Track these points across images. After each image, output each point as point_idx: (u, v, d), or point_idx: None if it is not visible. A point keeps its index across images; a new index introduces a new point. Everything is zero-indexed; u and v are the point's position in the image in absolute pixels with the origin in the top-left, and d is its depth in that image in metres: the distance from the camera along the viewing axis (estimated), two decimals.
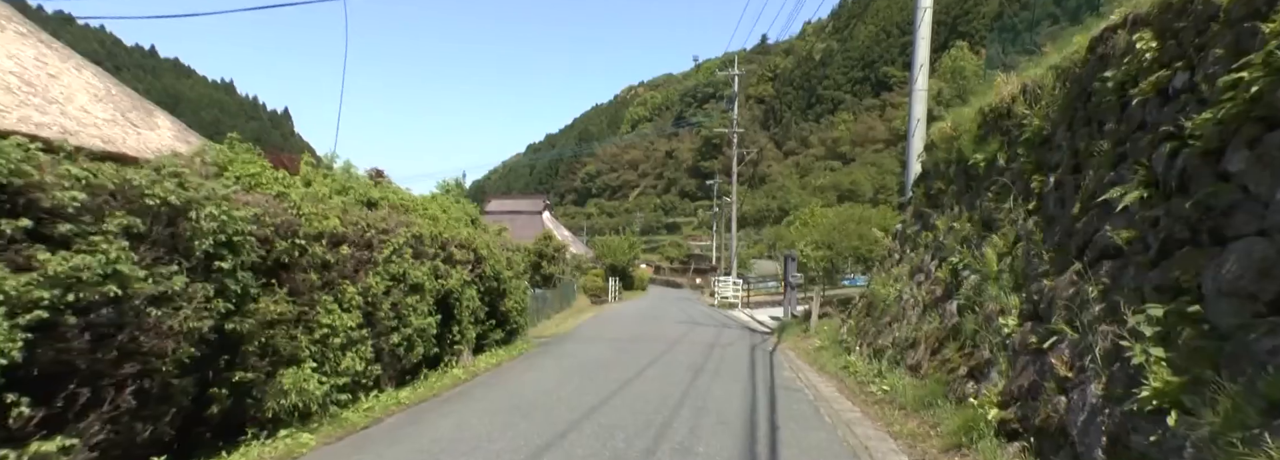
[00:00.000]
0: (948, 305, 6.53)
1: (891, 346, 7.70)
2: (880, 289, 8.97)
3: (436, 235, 6.88)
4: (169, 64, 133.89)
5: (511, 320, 9.94)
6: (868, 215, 27.11)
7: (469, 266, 7.83)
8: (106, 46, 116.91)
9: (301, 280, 4.36)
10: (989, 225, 6.35)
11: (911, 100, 10.92)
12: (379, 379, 5.62)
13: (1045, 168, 5.36)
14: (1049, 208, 5.01)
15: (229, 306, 3.56)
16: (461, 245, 7.59)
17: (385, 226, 5.70)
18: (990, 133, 7.08)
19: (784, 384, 7.59)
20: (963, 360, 5.57)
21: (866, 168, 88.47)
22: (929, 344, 6.59)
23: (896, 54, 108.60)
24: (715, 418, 5.35)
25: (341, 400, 4.81)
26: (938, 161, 8.78)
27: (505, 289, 9.46)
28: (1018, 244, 5.34)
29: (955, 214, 7.58)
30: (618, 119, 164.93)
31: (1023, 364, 4.38)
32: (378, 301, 5.39)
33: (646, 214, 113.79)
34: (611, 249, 40.38)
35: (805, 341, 11.66)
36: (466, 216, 9.51)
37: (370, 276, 5.26)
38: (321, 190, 5.96)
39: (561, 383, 7.05)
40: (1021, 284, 5.05)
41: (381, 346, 5.53)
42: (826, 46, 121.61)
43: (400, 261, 5.78)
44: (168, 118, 6.64)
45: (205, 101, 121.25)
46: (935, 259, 7.69)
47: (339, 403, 4.78)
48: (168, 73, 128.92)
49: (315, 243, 4.51)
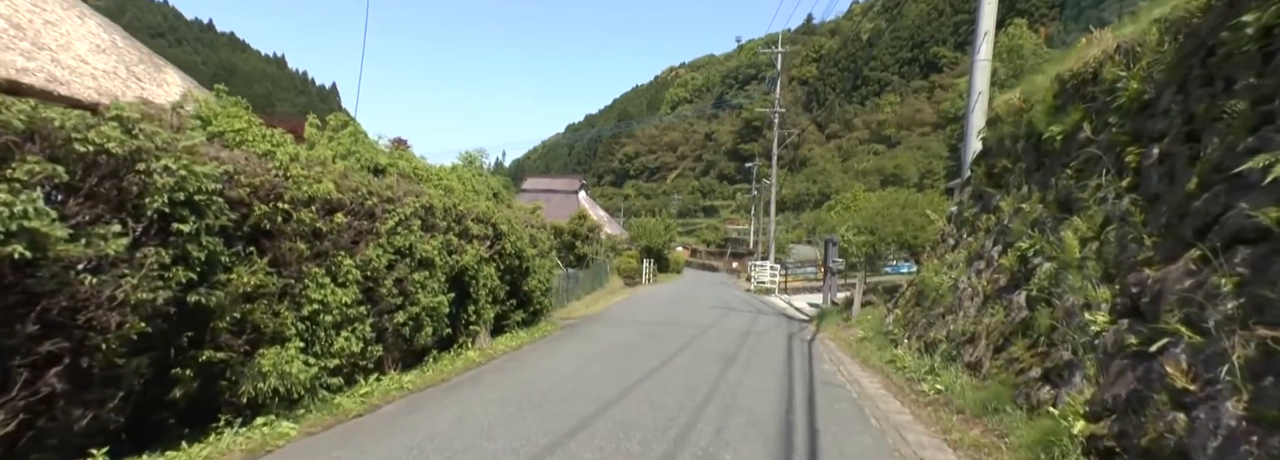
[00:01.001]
0: (1014, 296, 5.77)
1: (945, 340, 6.96)
2: (932, 277, 8.19)
3: (451, 207, 6.41)
4: (225, 38, 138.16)
5: (535, 301, 9.51)
6: (914, 200, 25.87)
7: (487, 242, 7.37)
8: (168, 19, 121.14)
9: (287, 250, 3.92)
10: (1067, 206, 5.54)
11: (973, 71, 9.93)
12: (381, 361, 5.23)
13: (1145, 138, 4.53)
14: (1151, 184, 4.21)
15: (191, 276, 3.14)
16: (479, 219, 7.12)
17: (390, 195, 5.24)
18: (1069, 102, 6.21)
19: (823, 378, 6.95)
20: (1035, 360, 4.84)
21: (912, 152, 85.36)
22: (991, 340, 5.85)
23: (948, 34, 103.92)
24: (745, 417, 4.78)
25: (333, 385, 4.40)
26: (1002, 137, 7.88)
27: (528, 267, 9.01)
28: (1108, 227, 4.55)
29: (1023, 194, 6.75)
30: (657, 100, 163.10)
31: (1119, 369, 3.65)
32: (380, 276, 4.96)
33: (684, 196, 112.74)
34: (647, 231, 39.85)
35: (846, 331, 10.95)
36: (488, 189, 9.06)
37: (370, 248, 4.82)
38: (324, 154, 5.53)
39: (581, 370, 6.57)
40: (1113, 274, 4.29)
41: (384, 326, 5.11)
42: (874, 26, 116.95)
43: (406, 234, 5.33)
44: (180, 75, 6.30)
45: (258, 75, 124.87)
46: (999, 244, 6.88)
47: (330, 387, 4.38)
48: (224, 47, 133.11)
49: (304, 208, 4.06)
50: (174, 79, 5.98)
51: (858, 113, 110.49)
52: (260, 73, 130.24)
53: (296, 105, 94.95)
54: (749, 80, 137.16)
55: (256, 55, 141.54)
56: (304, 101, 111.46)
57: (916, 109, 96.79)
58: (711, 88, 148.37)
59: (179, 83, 5.98)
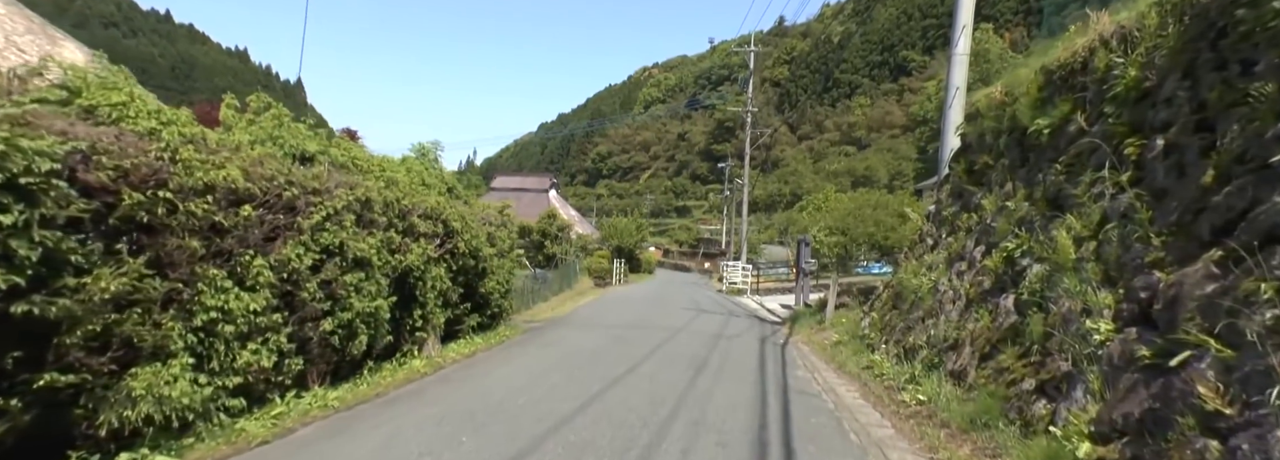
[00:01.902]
0: (1001, 300, 5.40)
1: (926, 346, 6.59)
2: (911, 279, 7.84)
3: (393, 202, 5.80)
4: (184, 30, 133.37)
5: (493, 304, 8.91)
6: (885, 201, 25.83)
7: (437, 241, 6.76)
8: (123, 9, 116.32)
9: (174, 248, 3.29)
10: (1058, 204, 5.20)
11: (950, 66, 9.64)
12: (304, 375, 4.60)
13: (1147, 128, 4.18)
14: (1157, 178, 3.84)
15: (16, 281, 2.50)
16: (428, 215, 6.51)
17: (317, 186, 4.62)
18: (1057, 93, 5.89)
19: (798, 387, 6.52)
20: (1028, 370, 4.45)
21: (882, 153, 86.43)
22: (977, 346, 5.47)
23: (917, 38, 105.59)
24: (715, 437, 4.29)
25: (234, 407, 3.76)
26: (983, 132, 7.57)
27: (485, 268, 8.41)
28: (1107, 226, 4.18)
29: (1008, 192, 6.41)
30: (631, 100, 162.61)
31: (1129, 384, 3.25)
32: (301, 279, 4.34)
33: (657, 196, 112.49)
34: (618, 230, 39.30)
35: (820, 334, 10.58)
36: (442, 184, 8.43)
37: (289, 247, 4.20)
38: (240, 138, 4.88)
39: (537, 380, 6.02)
40: (1115, 277, 3.91)
41: (307, 335, 4.49)
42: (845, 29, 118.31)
43: (336, 230, 4.71)
44: (80, 49, 5.55)
45: (219, 68, 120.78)
46: (981, 245, 6.53)
47: (230, 410, 3.74)
48: (182, 39, 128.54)
49: (197, 199, 3.43)
50: (74, 55, 5.26)
51: (829, 114, 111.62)
52: (221, 66, 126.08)
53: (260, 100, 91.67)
54: (722, 81, 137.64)
55: (217, 48, 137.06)
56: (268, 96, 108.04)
57: (886, 111, 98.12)
58: (684, 88, 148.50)
59: (80, 59, 5.26)
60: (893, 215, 23.72)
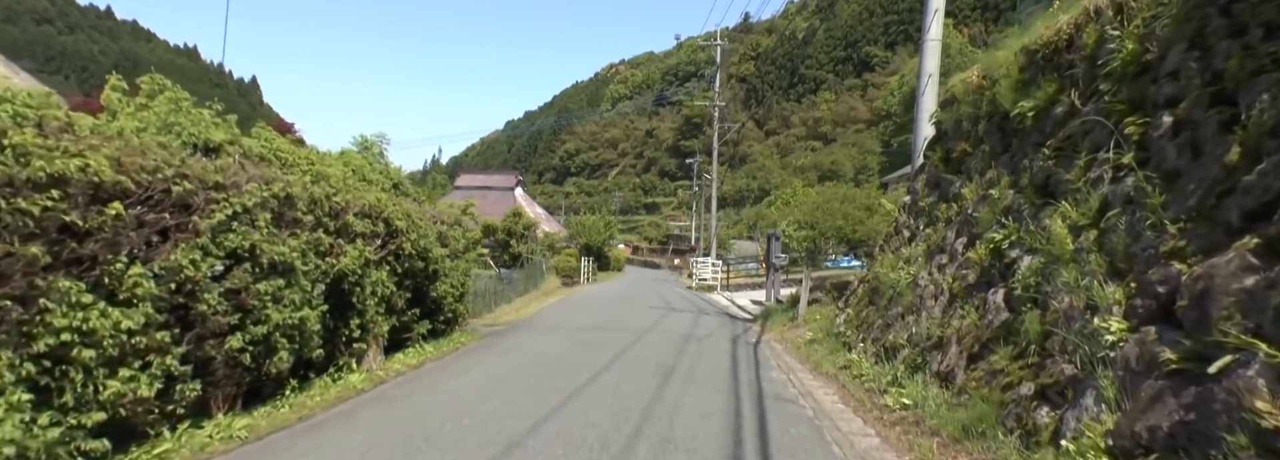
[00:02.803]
0: (991, 296, 5.02)
1: (907, 345, 6.20)
2: (887, 273, 7.46)
3: (323, 198, 5.14)
4: (127, 26, 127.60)
5: (446, 309, 8.26)
6: (852, 194, 25.79)
7: (377, 241, 6.11)
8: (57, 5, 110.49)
9: (0, 256, 2.62)
10: (1048, 190, 4.83)
11: (923, 51, 9.33)
12: (205, 401, 3.94)
13: (1150, 105, 3.80)
14: (1167, 158, 3.45)
15: None
16: (366, 214, 5.85)
17: (219, 180, 3.94)
18: (1040, 74, 5.54)
19: (774, 392, 6.07)
20: (1025, 373, 4.05)
21: (848, 148, 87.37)
22: (965, 345, 5.08)
23: (879, 34, 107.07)
24: (685, 457, 3.78)
25: (95, 451, 3.05)
26: (960, 119, 7.22)
27: (437, 270, 7.76)
28: (1109, 213, 3.79)
29: (990, 180, 6.06)
30: (598, 97, 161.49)
31: (1154, 392, 2.84)
32: (198, 289, 3.68)
33: (626, 194, 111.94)
34: (586, 228, 38.66)
35: (793, 332, 10.19)
36: (386, 180, 7.75)
37: (181, 252, 3.53)
38: (126, 125, 4.18)
39: (489, 393, 5.43)
40: (1123, 269, 3.52)
41: (207, 354, 3.82)
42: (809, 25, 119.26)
43: (246, 231, 4.05)
44: None
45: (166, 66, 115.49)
46: (963, 236, 6.17)
47: (90, 454, 3.04)
48: (126, 35, 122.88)
49: (37, 194, 2.76)
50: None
51: (795, 110, 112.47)
52: (169, 64, 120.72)
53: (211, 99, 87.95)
54: (689, 77, 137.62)
55: (164, 45, 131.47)
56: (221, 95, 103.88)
57: (851, 106, 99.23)
58: (652, 84, 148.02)
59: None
60: (860, 208, 23.67)
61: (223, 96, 26.30)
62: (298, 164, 5.69)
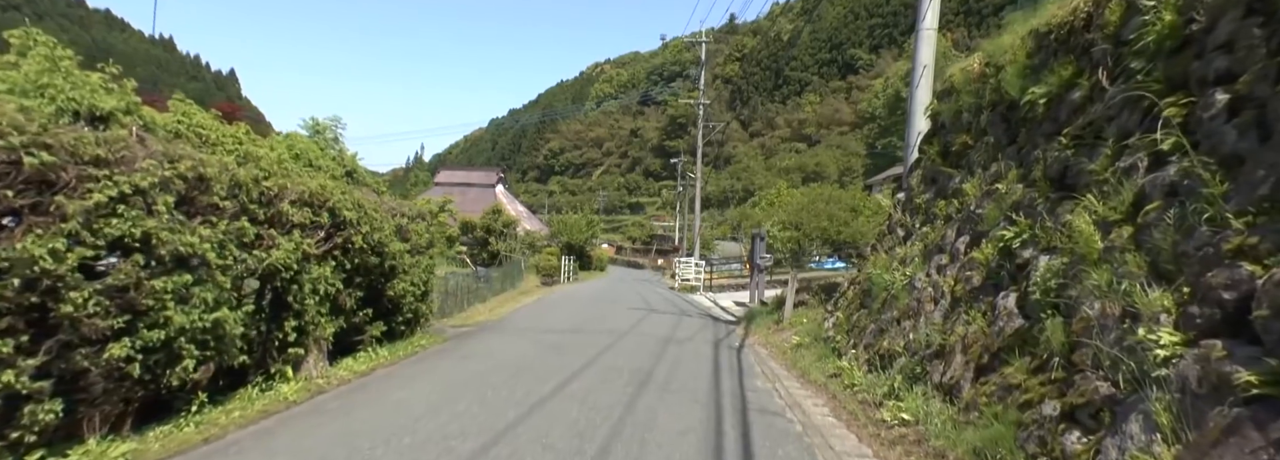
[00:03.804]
0: (1000, 300, 4.52)
1: (905, 353, 5.69)
2: (881, 274, 6.97)
3: (249, 182, 4.49)
4: (99, 15, 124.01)
5: (405, 308, 7.60)
6: (837, 195, 25.43)
7: (320, 233, 5.46)
8: None
9: None
10: (1065, 183, 4.35)
11: (917, 42, 8.86)
12: (78, 423, 3.28)
13: (1196, 83, 3.31)
14: (1226, 142, 2.95)
15: None
16: (305, 202, 5.20)
17: (101, 154, 3.28)
18: (1053, 58, 5.08)
19: (759, 403, 5.53)
20: (1048, 390, 3.54)
21: (832, 150, 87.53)
22: (972, 356, 4.57)
23: (864, 36, 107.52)
24: None
25: None
26: (960, 110, 6.76)
27: (394, 266, 7.11)
28: (1149, 206, 3.29)
29: (994, 173, 5.58)
30: (583, 95, 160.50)
31: (1229, 422, 2.32)
32: (63, 286, 3.03)
33: (610, 193, 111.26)
34: (568, 227, 37.96)
35: (779, 335, 9.68)
36: (338, 166, 7.08)
37: (33, 240, 2.87)
38: None
39: (438, 407, 4.81)
40: (1171, 270, 3.01)
41: (78, 366, 3.16)
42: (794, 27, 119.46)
43: (137, 216, 3.39)
44: None
45: (141, 57, 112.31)
46: (965, 234, 5.68)
47: None
48: (98, 24, 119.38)
49: None
50: None
51: (779, 111, 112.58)
52: (144, 55, 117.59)
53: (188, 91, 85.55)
54: (674, 77, 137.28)
55: (138, 35, 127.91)
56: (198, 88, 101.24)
57: (835, 109, 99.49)
58: (637, 84, 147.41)
59: None
60: (846, 210, 23.33)
61: (200, 89, 25.01)
62: (221, 143, 5.01)
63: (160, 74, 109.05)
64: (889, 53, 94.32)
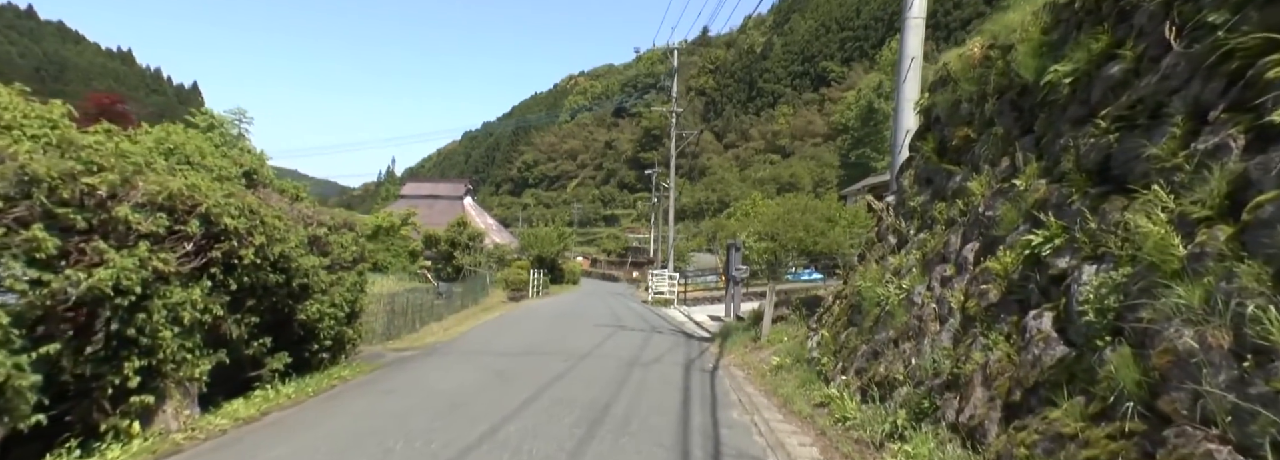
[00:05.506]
0: (1032, 321, 3.62)
1: (907, 381, 4.76)
2: (872, 287, 6.07)
3: (54, 177, 3.38)
4: (52, 27, 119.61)
5: (322, 335, 6.46)
6: (813, 205, 24.82)
7: (187, 245, 4.36)
8: None
9: None
10: (1109, 175, 3.50)
11: (904, 32, 8.11)
12: None
13: None
14: None
15: None
16: (159, 206, 4.11)
17: None
18: (1076, 31, 4.28)
19: (736, 445, 4.55)
20: (1121, 448, 2.61)
21: (806, 161, 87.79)
22: (998, 390, 3.65)
23: (835, 49, 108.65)
24: None
25: None
26: (958, 100, 5.95)
27: (306, 285, 5.99)
28: (1262, 197, 2.41)
29: (1008, 168, 4.74)
30: (557, 108, 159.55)
31: None
32: None
33: (585, 205, 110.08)
34: (539, 239, 36.77)
35: (756, 355, 8.72)
36: (235, 167, 5.97)
37: None
38: None
39: None
40: None
41: None
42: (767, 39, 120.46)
43: None
44: None
45: (97, 71, 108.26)
46: (973, 241, 4.81)
47: None
48: (50, 37, 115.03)
49: None
50: None
51: (753, 123, 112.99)
52: (100, 68, 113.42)
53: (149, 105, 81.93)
54: (648, 89, 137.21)
55: (94, 48, 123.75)
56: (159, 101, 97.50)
57: (809, 120, 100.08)
58: (611, 96, 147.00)
59: None
60: (821, 220, 22.68)
61: (162, 103, 23.18)
62: (21, 126, 3.87)
63: (118, 87, 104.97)
64: (861, 65, 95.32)
